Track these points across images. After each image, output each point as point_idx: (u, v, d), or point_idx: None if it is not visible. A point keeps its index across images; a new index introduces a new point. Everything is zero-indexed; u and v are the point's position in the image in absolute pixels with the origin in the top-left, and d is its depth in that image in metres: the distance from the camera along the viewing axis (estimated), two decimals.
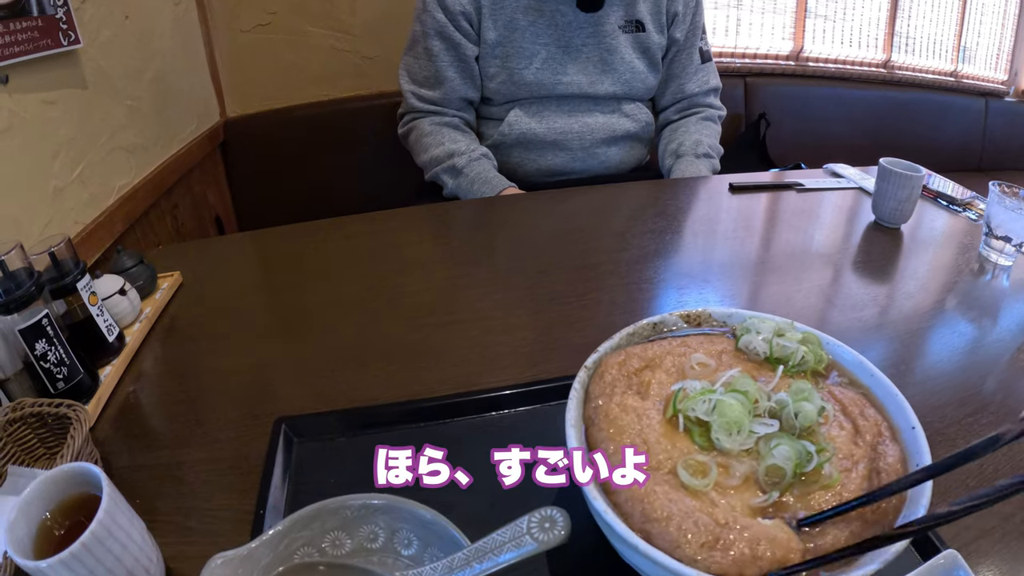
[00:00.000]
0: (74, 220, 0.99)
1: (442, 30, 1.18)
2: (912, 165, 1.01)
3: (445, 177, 1.24)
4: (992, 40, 2.54)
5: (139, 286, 0.79)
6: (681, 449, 0.43)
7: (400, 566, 0.42)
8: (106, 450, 0.61)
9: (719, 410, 0.44)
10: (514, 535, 0.38)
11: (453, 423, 0.60)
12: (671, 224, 1.04)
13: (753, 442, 0.43)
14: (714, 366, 0.51)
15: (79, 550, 0.39)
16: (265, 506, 0.50)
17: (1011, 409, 0.65)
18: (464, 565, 0.38)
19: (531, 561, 0.38)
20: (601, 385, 0.48)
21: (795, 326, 0.55)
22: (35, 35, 0.89)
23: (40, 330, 0.61)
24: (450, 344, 0.74)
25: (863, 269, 0.92)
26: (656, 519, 0.37)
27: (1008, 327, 0.79)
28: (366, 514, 0.43)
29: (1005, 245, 0.92)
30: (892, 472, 0.42)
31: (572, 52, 1.22)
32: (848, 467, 0.43)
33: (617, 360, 0.50)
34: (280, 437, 0.57)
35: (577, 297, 0.83)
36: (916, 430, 0.45)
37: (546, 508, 0.39)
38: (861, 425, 0.46)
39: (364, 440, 0.58)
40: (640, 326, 0.55)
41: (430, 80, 1.23)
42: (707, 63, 1.36)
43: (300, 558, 0.42)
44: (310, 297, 0.86)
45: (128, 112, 1.16)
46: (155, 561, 0.45)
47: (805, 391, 0.46)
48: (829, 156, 1.36)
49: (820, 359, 0.53)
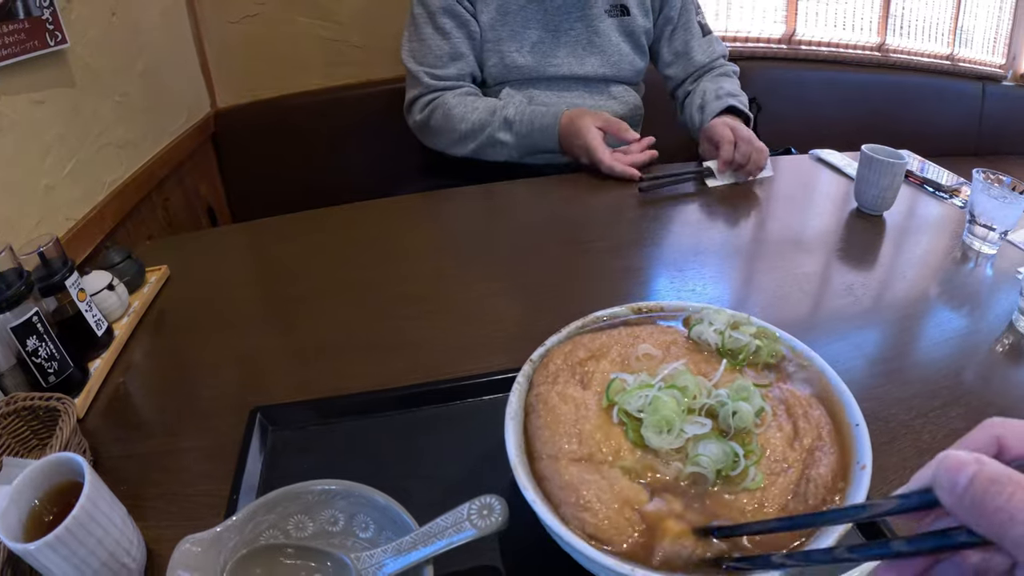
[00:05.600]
0: (65, 217, 1.02)
1: (450, 7, 1.19)
2: (895, 152, 1.00)
3: (500, 134, 1.20)
4: (990, 23, 2.51)
5: (127, 281, 0.83)
6: (613, 443, 0.44)
7: (358, 548, 0.46)
8: (96, 440, 0.64)
9: (653, 406, 0.44)
10: (455, 521, 0.41)
11: (420, 411, 0.63)
12: (654, 213, 1.06)
13: (683, 442, 0.44)
14: (660, 357, 0.52)
15: (63, 533, 0.42)
16: (239, 491, 0.53)
17: (988, 402, 0.64)
18: (411, 548, 0.41)
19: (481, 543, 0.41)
20: (544, 374, 0.49)
21: (751, 320, 0.55)
22: (22, 37, 0.92)
23: (31, 327, 0.64)
24: (432, 334, 0.77)
25: (843, 257, 0.92)
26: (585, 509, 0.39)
27: (989, 317, 0.79)
28: (327, 499, 0.46)
29: (988, 233, 0.91)
30: (821, 482, 0.42)
31: (560, 35, 1.25)
32: (777, 472, 0.43)
33: (564, 350, 0.52)
34: (255, 425, 0.60)
35: (557, 287, 0.85)
36: (860, 428, 0.45)
37: (486, 496, 0.42)
38: (801, 427, 0.46)
39: (335, 428, 0.62)
40: (590, 319, 0.56)
41: (443, 59, 1.22)
42: (708, 36, 1.36)
43: (265, 540, 0.45)
44: (296, 288, 0.89)
45: (117, 108, 1.19)
46: (136, 544, 0.49)
47: (745, 391, 0.46)
48: (822, 141, 1.35)
49: (774, 352, 0.53)
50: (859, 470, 0.42)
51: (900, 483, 0.54)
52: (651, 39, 1.35)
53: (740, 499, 0.41)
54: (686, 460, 0.43)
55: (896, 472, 0.57)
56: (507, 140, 1.21)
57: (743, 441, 0.44)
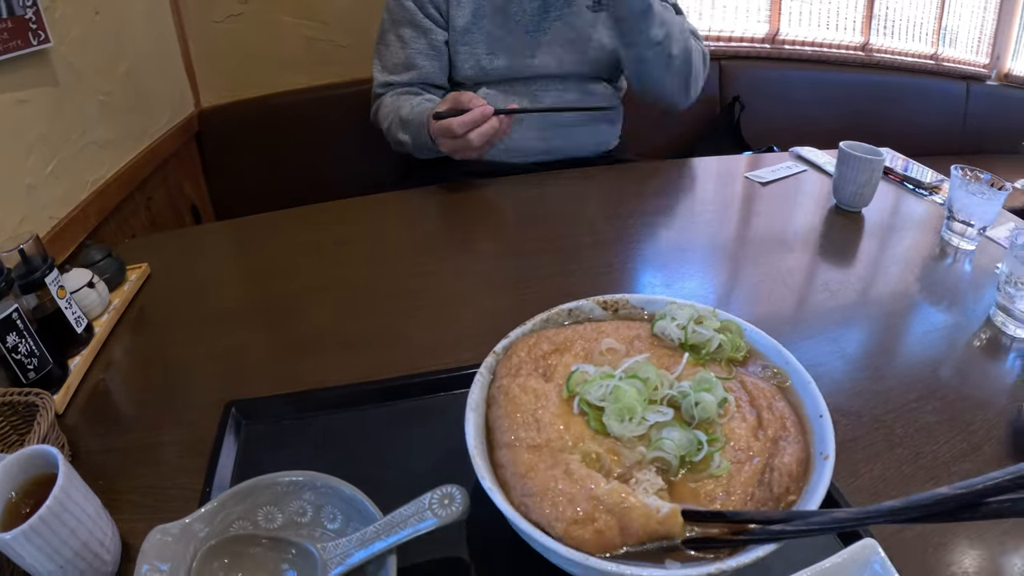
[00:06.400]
0: (48, 216, 1.02)
1: (412, 18, 1.21)
2: (872, 148, 1.01)
3: (400, 134, 1.20)
4: (974, 23, 2.54)
5: (107, 278, 0.83)
6: (573, 431, 0.45)
7: (326, 538, 0.47)
8: (75, 435, 0.65)
9: (614, 395, 0.45)
10: (417, 510, 0.43)
11: (392, 406, 0.64)
12: (634, 209, 1.07)
13: (645, 429, 0.45)
14: (623, 351, 0.53)
15: (36, 523, 0.44)
16: (212, 484, 0.55)
17: (964, 396, 0.66)
18: (375, 538, 0.43)
19: (450, 530, 0.42)
20: (508, 366, 0.51)
21: (717, 314, 0.56)
22: (5, 36, 0.92)
23: (11, 324, 0.65)
24: (411, 331, 0.78)
25: (821, 253, 0.93)
26: (533, 494, 0.41)
27: (967, 312, 0.80)
28: (294, 490, 0.48)
29: (967, 229, 0.92)
30: (785, 471, 0.42)
31: (539, 35, 1.24)
32: (742, 460, 0.43)
33: (528, 343, 0.53)
34: (229, 420, 0.61)
35: (540, 281, 0.86)
36: (824, 418, 0.45)
37: (448, 486, 0.44)
38: (765, 419, 0.46)
39: (307, 422, 0.63)
40: (555, 312, 0.57)
41: (399, 67, 1.25)
42: (680, 15, 1.34)
43: (235, 531, 0.47)
44: (278, 285, 0.90)
45: (100, 107, 1.19)
46: (110, 535, 0.50)
47: (707, 382, 0.47)
48: (806, 140, 1.37)
49: (738, 347, 0.54)
50: (821, 460, 0.43)
51: (870, 476, 0.56)
52: None
53: (705, 485, 0.42)
54: (649, 445, 0.44)
55: (866, 465, 0.58)
56: (405, 140, 1.20)
57: (707, 430, 0.45)
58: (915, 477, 0.57)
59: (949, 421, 0.63)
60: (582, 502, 0.40)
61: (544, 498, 0.40)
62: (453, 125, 1.03)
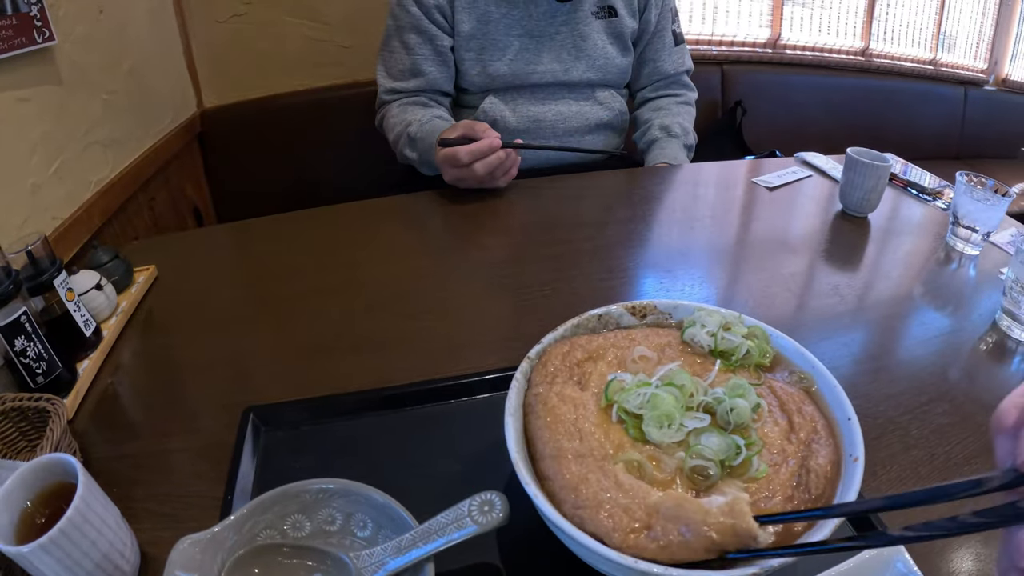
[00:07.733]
0: (52, 216, 1.00)
1: (417, 24, 1.20)
2: (879, 155, 1.02)
3: (407, 152, 1.20)
4: (972, 28, 2.56)
5: (115, 280, 0.82)
6: (614, 439, 0.45)
7: (356, 547, 0.46)
8: (85, 441, 0.63)
9: (652, 403, 0.46)
10: (456, 517, 0.41)
11: (414, 411, 0.63)
12: (638, 214, 1.07)
13: (683, 435, 0.45)
14: (655, 359, 0.53)
15: (57, 535, 0.42)
16: (233, 492, 0.53)
17: (972, 399, 0.66)
18: (411, 546, 0.41)
19: (481, 540, 0.41)
20: (543, 374, 0.50)
21: (743, 319, 0.56)
22: (9, 34, 0.90)
23: (19, 327, 0.63)
24: (421, 335, 0.77)
25: (828, 258, 0.94)
26: (587, 506, 0.40)
27: (972, 316, 0.81)
28: (324, 498, 0.46)
29: (971, 234, 0.93)
30: (821, 472, 0.43)
31: (545, 41, 1.24)
32: (778, 463, 0.44)
33: (561, 350, 0.52)
34: (248, 426, 0.60)
35: (543, 287, 0.86)
36: (852, 421, 0.46)
37: (487, 492, 0.42)
38: (796, 422, 0.47)
39: (328, 428, 0.62)
40: (585, 317, 0.57)
41: (405, 73, 1.24)
42: (680, 45, 1.38)
43: (263, 540, 0.45)
44: (284, 288, 0.88)
45: (104, 106, 1.17)
46: (129, 545, 0.48)
47: (741, 387, 0.47)
48: (806, 144, 1.37)
49: (765, 353, 0.54)
50: (851, 462, 0.43)
51: (888, 478, 0.56)
52: (635, 39, 1.35)
53: (748, 488, 0.42)
54: (688, 451, 0.44)
55: (884, 466, 0.58)
56: (413, 157, 1.19)
57: (742, 435, 0.45)
58: (930, 479, 0.57)
59: (961, 423, 0.63)
60: (638, 511, 0.39)
61: (600, 509, 0.39)
62: (459, 153, 1.02)
